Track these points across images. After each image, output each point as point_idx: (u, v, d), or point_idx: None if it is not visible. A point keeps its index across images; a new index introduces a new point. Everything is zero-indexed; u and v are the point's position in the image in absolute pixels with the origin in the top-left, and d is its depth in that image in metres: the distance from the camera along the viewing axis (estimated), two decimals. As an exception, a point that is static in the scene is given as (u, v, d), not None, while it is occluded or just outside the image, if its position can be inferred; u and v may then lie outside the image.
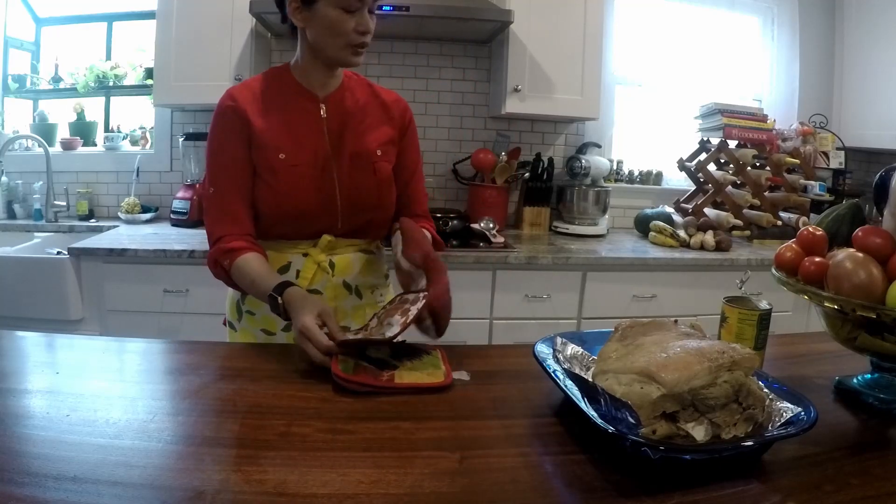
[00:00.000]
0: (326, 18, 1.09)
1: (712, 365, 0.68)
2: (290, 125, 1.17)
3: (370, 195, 1.22)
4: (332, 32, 1.10)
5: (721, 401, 0.67)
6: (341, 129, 1.20)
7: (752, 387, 0.70)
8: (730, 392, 0.68)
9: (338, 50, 1.12)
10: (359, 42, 1.11)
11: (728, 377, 0.68)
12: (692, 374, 0.67)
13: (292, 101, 1.19)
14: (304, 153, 1.16)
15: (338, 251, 1.21)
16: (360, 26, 1.10)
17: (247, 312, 1.23)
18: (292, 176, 1.15)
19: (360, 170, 1.20)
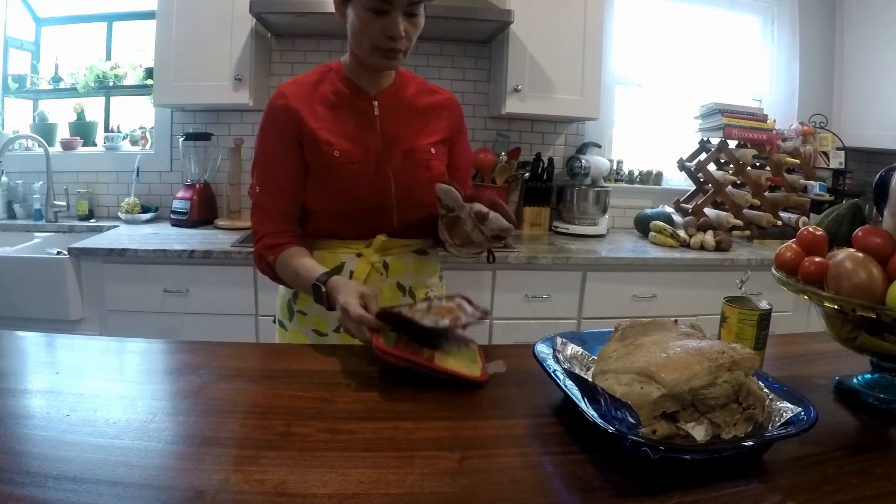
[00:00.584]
0: (356, 20, 1.07)
1: (712, 365, 0.68)
2: (343, 122, 1.16)
3: (424, 193, 1.18)
4: (359, 34, 1.08)
5: (721, 401, 0.67)
6: (394, 126, 1.19)
7: (752, 387, 0.70)
8: (730, 392, 0.68)
9: (365, 52, 1.09)
10: (386, 46, 1.07)
11: (728, 377, 0.68)
12: (692, 374, 0.67)
13: (345, 97, 1.17)
14: (357, 150, 1.15)
15: (392, 252, 1.20)
16: (387, 30, 1.05)
17: (298, 312, 1.23)
18: (346, 173, 1.14)
19: (414, 167, 1.19)
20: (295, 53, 2.58)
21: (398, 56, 1.09)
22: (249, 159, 2.75)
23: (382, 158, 1.16)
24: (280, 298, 1.28)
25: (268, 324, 2.06)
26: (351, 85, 1.18)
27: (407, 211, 1.19)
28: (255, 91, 2.35)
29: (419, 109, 1.23)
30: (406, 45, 1.09)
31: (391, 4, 1.03)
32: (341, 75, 1.19)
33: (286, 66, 2.59)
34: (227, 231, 2.37)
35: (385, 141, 1.17)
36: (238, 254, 2.01)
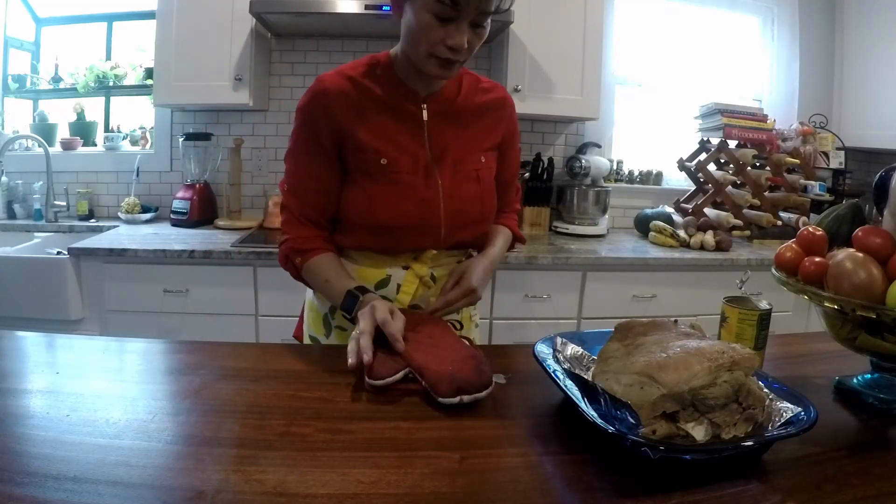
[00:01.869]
0: (414, 20, 0.94)
1: (712, 365, 0.68)
2: (390, 126, 1.05)
3: (474, 207, 1.11)
4: (416, 37, 0.95)
5: (721, 401, 0.67)
6: (444, 133, 1.08)
7: (752, 387, 0.70)
8: (730, 392, 0.68)
9: (419, 57, 0.98)
10: (445, 56, 0.96)
11: (728, 377, 0.68)
12: (692, 374, 0.67)
13: (392, 97, 1.05)
14: (406, 159, 1.05)
15: (440, 263, 1.14)
16: (450, 39, 0.93)
17: (337, 328, 1.15)
18: (394, 185, 1.04)
19: (464, 179, 1.09)
20: (295, 53, 2.58)
21: (455, 67, 0.99)
22: (249, 159, 2.77)
23: (431, 169, 1.06)
24: (313, 314, 1.19)
25: (268, 324, 2.06)
26: (400, 84, 1.06)
27: (455, 226, 1.10)
28: (255, 91, 2.35)
29: (471, 113, 1.12)
30: (466, 56, 0.98)
31: (459, 13, 0.92)
32: (390, 72, 1.06)
33: (286, 66, 2.59)
34: (227, 231, 2.37)
35: (433, 150, 1.07)
36: (238, 254, 2.01)
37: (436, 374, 0.81)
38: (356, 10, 2.09)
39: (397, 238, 1.08)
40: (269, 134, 2.63)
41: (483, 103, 1.14)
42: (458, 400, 0.78)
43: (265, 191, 2.64)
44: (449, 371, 0.81)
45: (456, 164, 1.09)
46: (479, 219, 1.15)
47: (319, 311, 1.17)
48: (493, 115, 1.15)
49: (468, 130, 1.11)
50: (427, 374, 0.82)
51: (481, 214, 1.14)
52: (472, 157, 1.11)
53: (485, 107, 1.14)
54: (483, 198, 1.13)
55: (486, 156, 1.14)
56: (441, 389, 0.79)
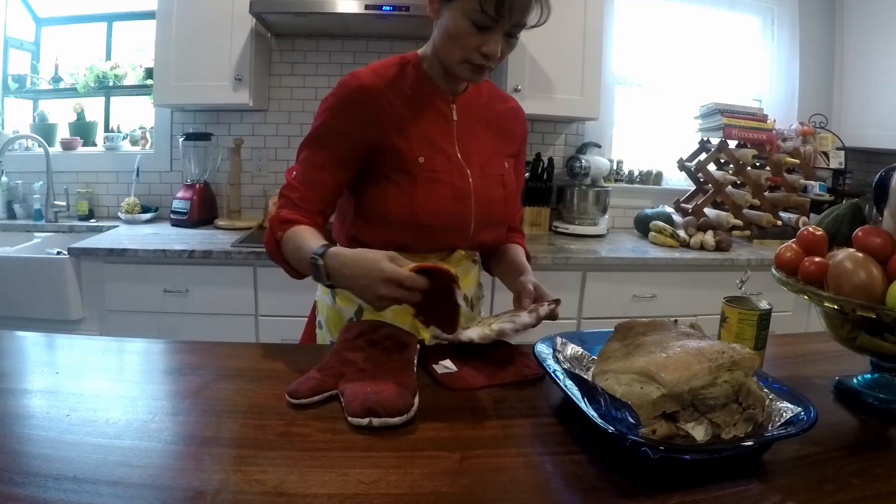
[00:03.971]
0: (452, 24, 0.96)
1: (712, 365, 0.68)
2: (423, 124, 1.05)
3: (499, 209, 1.12)
4: (452, 42, 0.98)
5: (721, 401, 0.67)
6: (471, 135, 1.10)
7: (752, 387, 0.69)
8: (730, 392, 0.68)
9: (453, 62, 1.00)
10: (478, 62, 0.98)
11: (728, 377, 0.68)
12: (692, 374, 0.67)
13: (424, 96, 1.07)
14: (439, 158, 1.05)
15: (462, 264, 1.14)
16: (485, 47, 0.96)
17: None
18: (431, 183, 1.04)
19: (491, 182, 1.11)
20: (295, 53, 2.58)
21: (484, 73, 1.02)
22: (249, 159, 2.77)
23: (463, 168, 1.07)
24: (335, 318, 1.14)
25: (268, 324, 2.06)
26: (430, 83, 1.07)
27: (482, 228, 1.11)
28: (255, 91, 2.35)
29: (492, 118, 1.14)
30: (496, 64, 1.00)
31: (497, 23, 0.94)
32: (420, 71, 1.08)
33: (286, 66, 2.59)
34: (227, 231, 2.37)
35: (461, 150, 1.08)
36: (238, 254, 2.01)
37: (351, 394, 0.78)
38: (356, 10, 2.09)
39: (434, 236, 1.08)
40: (269, 134, 2.63)
41: (501, 111, 1.16)
42: (368, 422, 0.73)
43: (265, 191, 2.64)
44: (365, 392, 0.77)
45: (482, 167, 1.10)
46: (503, 221, 1.17)
47: (344, 315, 1.12)
48: (510, 125, 1.17)
49: (491, 135, 1.13)
50: (345, 394, 0.79)
51: (504, 218, 1.16)
52: (496, 162, 1.13)
53: (503, 115, 1.16)
54: (507, 203, 1.14)
55: (507, 162, 1.15)
56: (353, 408, 0.75)
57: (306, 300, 2.01)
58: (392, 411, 0.74)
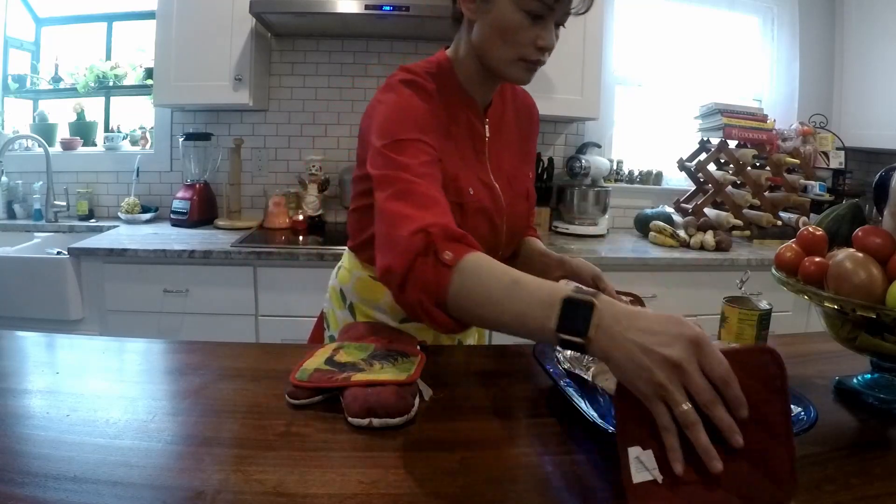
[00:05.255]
0: (503, 19, 0.86)
1: None
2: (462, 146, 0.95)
3: (523, 223, 1.05)
4: (504, 38, 0.87)
5: None
6: (500, 152, 1.02)
7: None
8: None
9: (505, 61, 0.89)
10: (535, 58, 0.89)
11: None
12: None
13: (458, 110, 0.96)
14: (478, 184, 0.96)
15: None
16: (541, 40, 0.87)
17: None
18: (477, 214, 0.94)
19: (518, 197, 1.03)
20: (295, 53, 2.58)
21: (535, 72, 0.92)
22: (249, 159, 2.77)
23: (495, 190, 0.99)
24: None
25: (268, 324, 2.06)
26: (463, 95, 0.96)
27: (509, 244, 1.04)
28: (255, 91, 2.35)
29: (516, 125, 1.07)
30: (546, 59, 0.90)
31: (552, 11, 0.86)
32: (453, 80, 0.96)
33: (286, 66, 2.59)
34: (227, 231, 2.37)
35: (492, 167, 1.00)
36: (238, 254, 2.01)
37: (352, 394, 0.76)
38: (356, 10, 2.09)
39: None
40: (269, 134, 2.63)
41: (522, 114, 1.10)
42: (368, 422, 0.72)
43: (265, 191, 2.64)
44: (365, 392, 0.76)
45: (511, 181, 1.03)
46: (522, 234, 1.10)
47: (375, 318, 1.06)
48: (528, 126, 1.11)
49: (516, 147, 1.07)
50: (345, 394, 0.78)
51: (524, 230, 1.10)
52: (522, 175, 1.07)
53: (523, 116, 1.10)
54: (529, 214, 1.08)
55: (529, 170, 1.10)
56: (353, 409, 0.74)
57: (307, 300, 2.02)
58: (392, 411, 0.74)
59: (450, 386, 0.87)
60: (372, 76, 2.61)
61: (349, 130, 2.65)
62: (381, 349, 0.90)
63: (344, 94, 2.62)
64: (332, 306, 1.14)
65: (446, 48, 1.00)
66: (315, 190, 2.48)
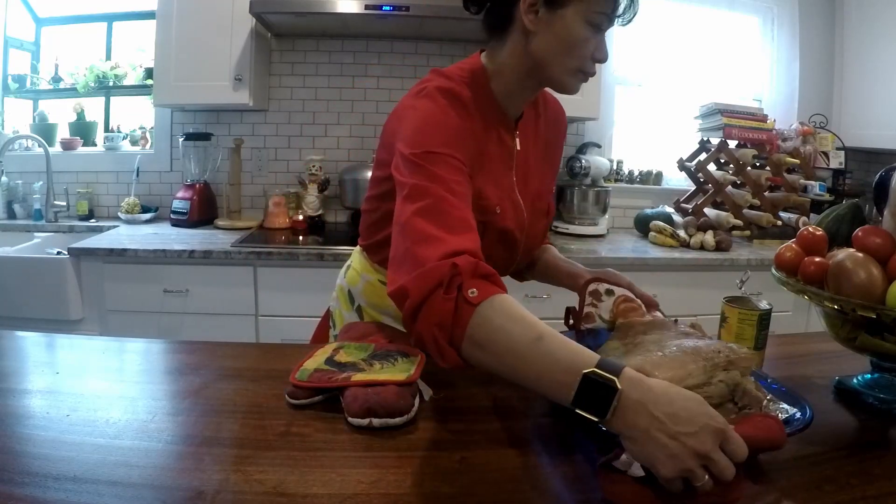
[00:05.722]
0: (569, 31, 0.85)
1: (707, 364, 0.68)
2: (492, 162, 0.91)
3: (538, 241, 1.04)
4: (569, 50, 0.87)
5: (716, 400, 0.67)
6: (527, 165, 0.99)
7: (749, 386, 0.69)
8: (725, 391, 0.67)
9: (566, 72, 0.89)
10: (592, 71, 0.90)
11: (724, 376, 0.67)
12: (686, 372, 0.67)
13: (490, 125, 0.92)
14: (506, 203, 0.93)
15: None
16: (598, 52, 0.89)
17: None
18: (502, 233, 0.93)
19: (538, 214, 1.01)
20: (295, 53, 2.58)
21: None
22: (249, 159, 2.77)
23: (520, 210, 0.96)
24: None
25: (268, 324, 2.06)
26: (496, 107, 0.93)
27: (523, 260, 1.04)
28: (255, 91, 2.35)
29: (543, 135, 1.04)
30: None
31: (611, 22, 0.87)
32: (487, 90, 0.93)
33: (286, 66, 2.59)
34: (227, 231, 2.37)
35: (518, 184, 0.97)
36: (238, 254, 2.01)
37: (352, 394, 0.76)
38: (356, 10, 2.08)
39: None
40: (269, 134, 2.63)
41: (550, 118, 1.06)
42: (368, 422, 0.72)
43: (265, 191, 2.64)
44: (365, 392, 0.76)
45: (534, 200, 1.01)
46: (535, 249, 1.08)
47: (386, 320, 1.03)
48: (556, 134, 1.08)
49: (543, 159, 1.04)
50: (345, 394, 0.77)
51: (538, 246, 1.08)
52: (546, 189, 1.04)
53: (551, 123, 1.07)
54: (546, 231, 1.06)
55: (552, 181, 1.07)
56: (353, 409, 0.74)
57: (307, 300, 2.02)
58: (392, 411, 0.74)
59: (450, 386, 0.87)
60: (372, 76, 2.61)
61: (349, 130, 2.65)
62: (381, 349, 0.90)
63: (344, 94, 2.62)
64: (339, 306, 1.12)
65: (481, 52, 0.97)
66: (315, 190, 2.48)
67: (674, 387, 0.61)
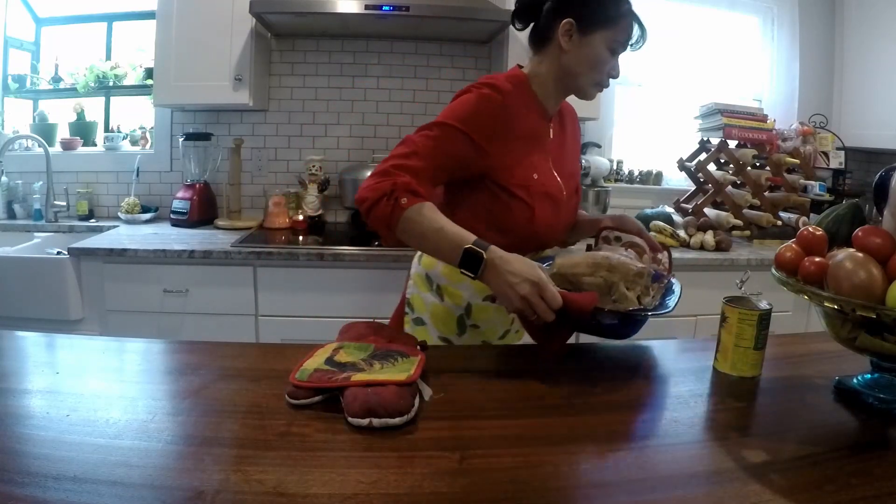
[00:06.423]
0: (595, 53, 1.11)
1: (592, 263, 1.00)
2: (532, 143, 1.15)
3: (574, 213, 1.27)
4: (592, 68, 1.13)
5: (596, 289, 0.97)
6: (560, 150, 1.23)
7: (622, 288, 0.96)
8: (602, 284, 0.97)
9: (588, 83, 1.15)
10: (606, 83, 1.16)
11: (605, 275, 0.98)
12: (574, 263, 1.02)
13: (531, 116, 1.16)
14: (546, 175, 1.16)
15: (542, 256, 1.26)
16: (614, 70, 1.15)
17: (471, 327, 1.21)
18: (544, 198, 1.14)
19: (573, 191, 1.25)
20: (295, 53, 2.58)
21: None
22: (249, 159, 2.77)
23: (558, 184, 1.20)
24: (444, 315, 1.20)
25: (268, 324, 2.06)
26: (537, 104, 1.18)
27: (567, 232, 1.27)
28: (255, 91, 2.35)
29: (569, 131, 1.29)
30: None
31: (625, 48, 1.14)
32: (530, 91, 1.18)
33: (286, 66, 2.59)
34: (227, 231, 2.37)
35: (555, 166, 1.20)
36: (238, 254, 2.01)
37: (352, 394, 0.77)
38: (356, 10, 2.08)
39: (540, 243, 1.20)
40: (269, 134, 2.63)
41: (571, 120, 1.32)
42: (368, 422, 0.73)
43: (265, 191, 2.64)
44: (365, 392, 0.76)
45: (568, 178, 1.23)
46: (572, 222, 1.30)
47: (453, 312, 1.20)
48: (573, 128, 1.32)
49: (569, 147, 1.28)
50: (345, 394, 0.78)
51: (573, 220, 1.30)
52: (576, 170, 1.29)
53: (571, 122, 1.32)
54: (578, 206, 1.30)
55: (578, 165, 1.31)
56: (353, 409, 0.74)
57: (307, 300, 2.03)
58: (392, 411, 0.74)
59: (450, 386, 0.87)
60: (372, 76, 2.61)
61: (349, 130, 2.65)
62: (381, 349, 0.90)
63: (344, 94, 2.62)
64: (418, 290, 1.25)
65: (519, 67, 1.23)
66: (315, 190, 2.48)
67: (521, 259, 0.96)
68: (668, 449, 0.72)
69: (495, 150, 1.09)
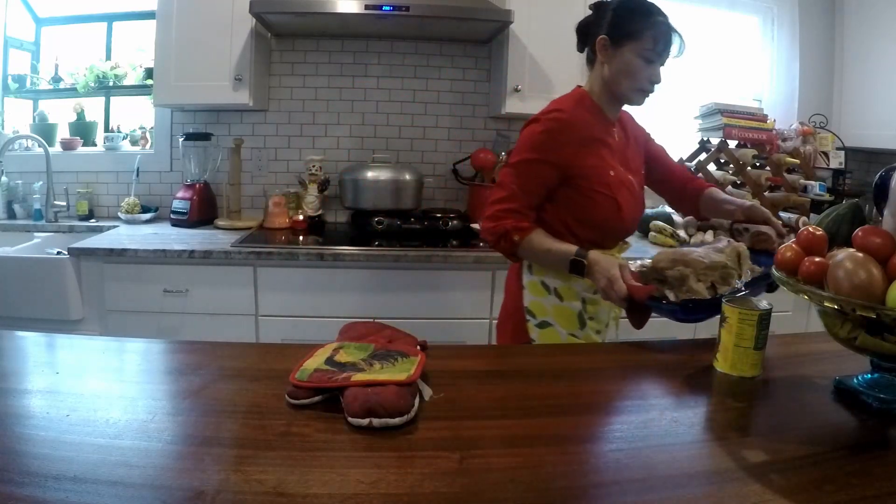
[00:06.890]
0: (627, 63, 1.26)
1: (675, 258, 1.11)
2: (602, 148, 1.31)
3: (641, 211, 1.42)
4: (628, 76, 1.28)
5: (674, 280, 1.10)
6: (625, 152, 1.38)
7: (691, 283, 1.08)
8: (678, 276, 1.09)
9: (629, 91, 1.30)
10: (649, 90, 1.31)
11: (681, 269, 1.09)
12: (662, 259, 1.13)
13: (596, 124, 1.32)
14: (619, 174, 1.32)
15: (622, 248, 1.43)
16: (654, 77, 1.29)
17: (590, 319, 1.36)
18: (623, 193, 1.31)
19: (640, 187, 1.41)
20: (295, 53, 2.58)
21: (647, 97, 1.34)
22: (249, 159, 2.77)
23: (629, 180, 1.35)
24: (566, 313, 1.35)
25: (268, 324, 2.06)
26: (601, 114, 1.35)
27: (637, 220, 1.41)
28: (255, 91, 2.35)
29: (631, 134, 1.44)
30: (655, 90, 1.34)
31: (659, 56, 1.27)
32: (592, 104, 1.34)
33: (286, 66, 2.59)
34: (227, 231, 2.37)
35: (623, 165, 1.35)
36: (238, 254, 2.01)
37: (352, 394, 0.77)
38: (356, 10, 2.08)
39: (619, 237, 1.38)
40: (269, 134, 2.63)
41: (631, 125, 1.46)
42: (368, 422, 0.73)
43: (265, 191, 2.64)
44: (365, 392, 0.76)
45: (634, 175, 1.39)
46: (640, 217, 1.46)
47: (573, 309, 1.35)
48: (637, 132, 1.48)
49: (632, 149, 1.42)
50: (345, 394, 0.77)
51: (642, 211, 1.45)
52: (640, 169, 1.44)
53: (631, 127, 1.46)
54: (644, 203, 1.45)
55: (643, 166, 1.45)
56: (353, 409, 0.74)
57: (307, 300, 2.03)
58: (392, 411, 0.74)
59: (450, 386, 0.87)
60: (372, 76, 2.61)
61: (349, 130, 2.65)
62: (381, 349, 0.90)
63: (344, 94, 2.62)
64: (536, 297, 1.38)
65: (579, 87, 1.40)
66: (315, 190, 2.48)
67: (605, 258, 1.21)
68: (668, 449, 0.72)
69: (573, 160, 1.26)
